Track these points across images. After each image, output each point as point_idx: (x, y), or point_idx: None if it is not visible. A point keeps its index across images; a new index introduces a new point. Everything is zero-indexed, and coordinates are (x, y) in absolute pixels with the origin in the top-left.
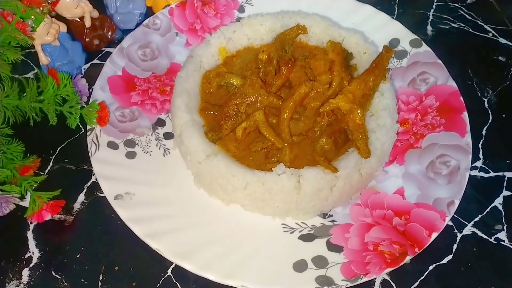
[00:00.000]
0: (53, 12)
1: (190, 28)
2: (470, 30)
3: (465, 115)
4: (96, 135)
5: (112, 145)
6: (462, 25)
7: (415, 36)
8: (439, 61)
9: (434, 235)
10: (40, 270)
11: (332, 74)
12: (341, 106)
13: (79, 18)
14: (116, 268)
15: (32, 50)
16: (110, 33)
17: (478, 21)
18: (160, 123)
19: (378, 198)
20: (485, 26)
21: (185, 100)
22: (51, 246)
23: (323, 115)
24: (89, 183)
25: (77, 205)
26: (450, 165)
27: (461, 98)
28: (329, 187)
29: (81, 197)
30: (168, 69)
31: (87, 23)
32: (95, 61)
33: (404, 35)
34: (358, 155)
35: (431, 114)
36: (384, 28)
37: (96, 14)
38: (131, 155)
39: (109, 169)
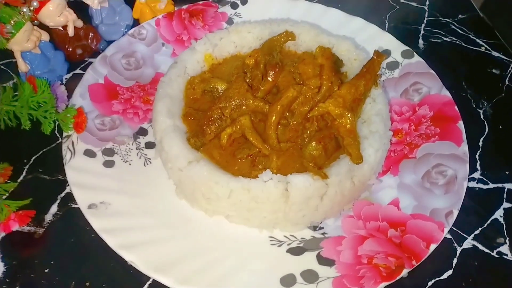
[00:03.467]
0: (36, 21)
1: (177, 39)
2: (462, 43)
3: (461, 124)
4: (73, 142)
5: (89, 153)
6: (454, 39)
7: (407, 47)
8: (432, 71)
9: (433, 247)
10: (4, 286)
11: (322, 79)
12: (331, 110)
13: (62, 27)
14: (87, 284)
15: (13, 60)
16: (94, 43)
17: (470, 36)
18: (142, 132)
19: (372, 209)
20: (478, 40)
21: (167, 104)
22: (18, 260)
23: (312, 120)
24: (63, 194)
25: (48, 217)
26: (446, 175)
27: (456, 107)
28: (319, 196)
29: (54, 208)
30: (152, 78)
31: (70, 32)
32: (78, 71)
33: (396, 47)
34: (350, 161)
35: (425, 124)
36: (375, 40)
37: (80, 23)
38: (109, 164)
39: (84, 177)
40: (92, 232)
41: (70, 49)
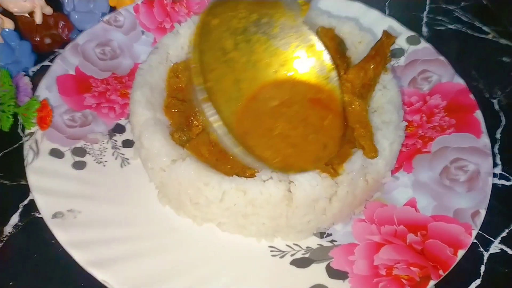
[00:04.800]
0: None
1: (159, 26)
2: (468, 31)
3: (478, 113)
4: (36, 140)
5: (56, 153)
6: (459, 26)
7: (412, 33)
8: (442, 57)
9: (461, 253)
10: None
11: None
12: None
13: (28, 14)
14: None
15: None
16: (65, 33)
17: (476, 23)
18: (119, 129)
19: (386, 211)
20: (484, 28)
21: (147, 94)
22: None
23: None
24: (26, 201)
25: (8, 229)
26: (468, 170)
27: (471, 95)
28: (328, 197)
29: (15, 219)
30: (131, 70)
31: (38, 19)
32: (46, 63)
33: (400, 32)
34: (363, 156)
35: (438, 115)
36: (377, 26)
37: (49, 10)
38: (79, 165)
39: (49, 181)
40: (59, 246)
41: (38, 39)
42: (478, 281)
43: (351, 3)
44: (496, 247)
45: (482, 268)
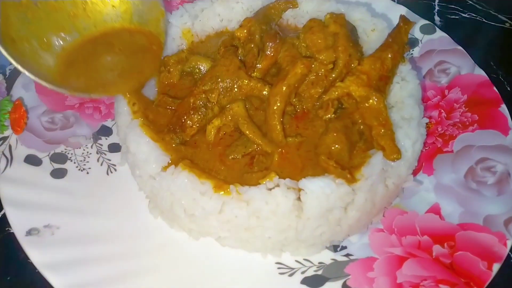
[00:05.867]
0: None
1: None
2: (484, 20)
3: (504, 108)
4: (10, 146)
5: (33, 160)
6: (474, 15)
7: (426, 21)
8: (459, 47)
9: (496, 267)
10: None
11: (337, 51)
12: (353, 91)
13: None
14: None
15: None
16: None
17: (491, 11)
18: (105, 131)
19: (406, 220)
20: (500, 16)
21: None
22: None
23: (327, 106)
24: None
25: None
26: (496, 172)
27: (495, 88)
28: (343, 206)
29: None
30: None
31: None
32: None
33: (418, 18)
34: (383, 158)
35: (459, 110)
36: (388, 14)
37: None
38: (59, 174)
39: (23, 192)
40: (36, 267)
41: None
42: None
43: None
44: None
45: None
